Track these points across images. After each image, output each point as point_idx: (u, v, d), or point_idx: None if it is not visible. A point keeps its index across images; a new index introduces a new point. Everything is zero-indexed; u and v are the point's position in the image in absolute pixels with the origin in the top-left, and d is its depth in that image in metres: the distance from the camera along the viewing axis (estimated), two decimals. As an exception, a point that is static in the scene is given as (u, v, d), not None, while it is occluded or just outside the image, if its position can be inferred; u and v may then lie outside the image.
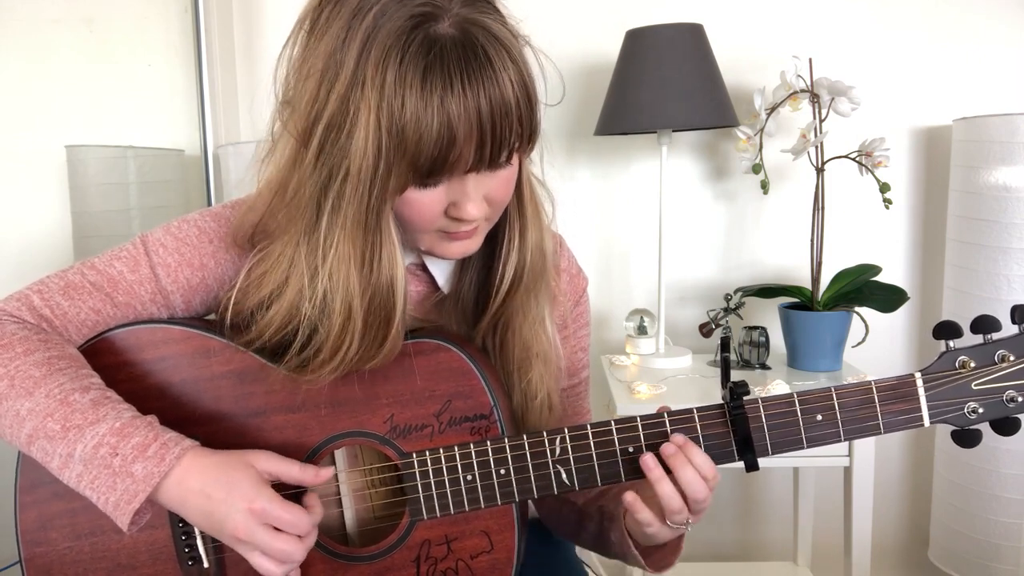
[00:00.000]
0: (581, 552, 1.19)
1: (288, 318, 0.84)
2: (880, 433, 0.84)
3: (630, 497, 0.85)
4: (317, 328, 0.83)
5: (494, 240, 0.91)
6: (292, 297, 0.83)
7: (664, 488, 0.82)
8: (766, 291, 1.82)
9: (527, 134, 0.79)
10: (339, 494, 0.91)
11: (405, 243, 0.87)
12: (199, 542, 0.88)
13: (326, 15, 0.77)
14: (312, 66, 0.77)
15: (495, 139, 0.76)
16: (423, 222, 0.82)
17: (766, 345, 1.79)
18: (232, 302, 0.88)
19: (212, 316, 0.96)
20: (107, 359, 0.89)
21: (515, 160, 0.82)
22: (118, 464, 0.78)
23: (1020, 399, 0.81)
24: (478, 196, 0.81)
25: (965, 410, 0.82)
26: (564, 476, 0.86)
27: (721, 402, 0.85)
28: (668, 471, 0.83)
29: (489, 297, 0.92)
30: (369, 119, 0.73)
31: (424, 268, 0.95)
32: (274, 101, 0.83)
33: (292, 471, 0.83)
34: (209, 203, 1.98)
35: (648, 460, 0.83)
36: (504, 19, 0.79)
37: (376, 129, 0.73)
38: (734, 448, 0.85)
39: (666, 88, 1.68)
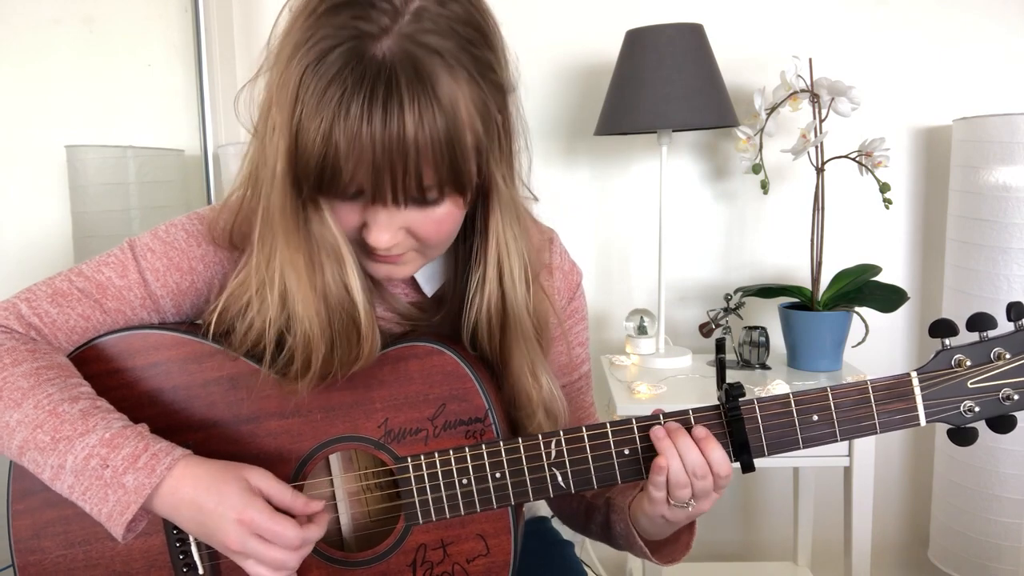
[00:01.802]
0: (581, 552, 1.19)
1: (263, 328, 0.83)
2: (876, 433, 0.84)
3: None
4: (286, 337, 0.83)
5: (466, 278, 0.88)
6: (261, 306, 0.82)
7: (673, 460, 0.82)
8: (766, 291, 1.81)
9: (449, 180, 0.74)
10: (334, 499, 0.91)
11: None
12: (194, 549, 0.87)
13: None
14: (275, 54, 0.74)
15: (395, 176, 0.71)
16: (344, 231, 0.79)
17: (766, 345, 1.78)
18: (216, 315, 0.86)
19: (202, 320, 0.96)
20: (98, 366, 0.88)
21: (447, 203, 0.77)
22: (109, 475, 0.77)
23: (1016, 397, 0.81)
24: (391, 226, 0.77)
25: (961, 409, 0.82)
26: (560, 479, 0.86)
27: (717, 403, 0.85)
28: None
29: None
30: (281, 119, 0.71)
31: None
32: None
33: (284, 496, 0.81)
34: (209, 203, 1.98)
35: (658, 431, 0.83)
36: (469, 56, 0.72)
37: (281, 130, 0.71)
38: (730, 449, 0.84)
39: (666, 88, 1.67)
